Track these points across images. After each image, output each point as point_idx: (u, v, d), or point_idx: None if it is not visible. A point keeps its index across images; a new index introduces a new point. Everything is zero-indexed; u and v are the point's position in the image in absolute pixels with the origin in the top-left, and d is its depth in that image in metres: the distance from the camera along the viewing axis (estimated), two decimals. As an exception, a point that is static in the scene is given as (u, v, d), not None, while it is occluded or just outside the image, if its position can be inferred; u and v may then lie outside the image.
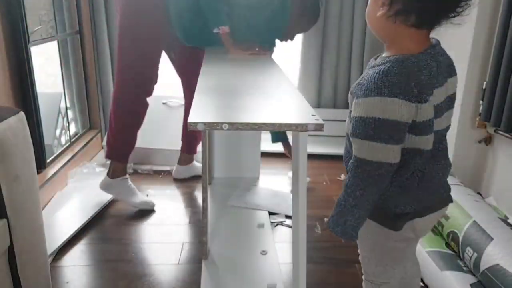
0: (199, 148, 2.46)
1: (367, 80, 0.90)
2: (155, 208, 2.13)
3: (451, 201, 1.09)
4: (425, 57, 0.91)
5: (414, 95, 0.87)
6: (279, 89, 1.34)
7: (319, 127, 0.96)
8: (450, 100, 0.99)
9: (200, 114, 1.00)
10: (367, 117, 0.89)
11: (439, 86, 0.93)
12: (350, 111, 0.97)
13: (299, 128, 0.96)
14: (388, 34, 0.94)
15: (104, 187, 2.10)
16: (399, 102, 0.86)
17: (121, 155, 2.10)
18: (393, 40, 0.94)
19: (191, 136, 2.40)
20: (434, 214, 1.06)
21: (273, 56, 2.04)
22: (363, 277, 1.20)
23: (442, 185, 1.05)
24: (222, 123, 0.94)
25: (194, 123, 0.93)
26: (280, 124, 0.96)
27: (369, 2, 0.96)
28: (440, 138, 1.00)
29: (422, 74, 0.89)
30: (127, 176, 2.14)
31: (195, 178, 2.46)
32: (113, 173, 2.09)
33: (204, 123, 0.93)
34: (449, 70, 0.99)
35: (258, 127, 0.95)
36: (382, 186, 0.94)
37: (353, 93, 0.94)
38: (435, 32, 0.96)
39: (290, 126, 0.96)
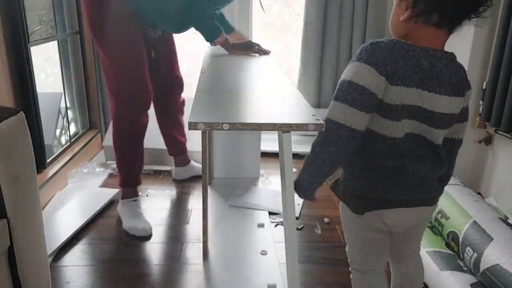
0: (195, 148, 2.46)
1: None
2: (155, 207, 2.13)
3: (431, 204, 1.07)
4: (419, 51, 0.93)
5: (387, 71, 0.91)
6: (279, 89, 1.34)
7: (319, 127, 0.96)
8: (447, 119, 0.98)
9: (200, 114, 1.00)
10: (342, 80, 0.96)
11: (426, 90, 0.93)
12: None
13: (299, 128, 0.96)
14: (410, 36, 0.96)
15: (118, 208, 2.04)
16: (370, 69, 0.91)
17: (130, 180, 2.02)
18: (413, 39, 0.96)
19: (171, 136, 2.33)
20: (406, 210, 1.04)
21: (272, 56, 2.04)
22: (350, 268, 1.21)
23: (419, 185, 1.02)
24: (223, 123, 0.93)
25: (194, 123, 0.93)
26: (281, 124, 0.96)
27: (393, 11, 1.00)
28: (428, 148, 1.00)
29: (404, 61, 0.92)
30: (136, 198, 2.03)
31: (195, 178, 2.46)
32: (123, 195, 2.02)
33: (205, 123, 0.93)
34: (453, 88, 0.96)
35: (259, 127, 0.95)
36: (340, 151, 0.96)
37: None
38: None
39: (290, 126, 0.96)
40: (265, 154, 2.64)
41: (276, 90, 1.32)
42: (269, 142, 2.79)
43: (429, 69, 0.93)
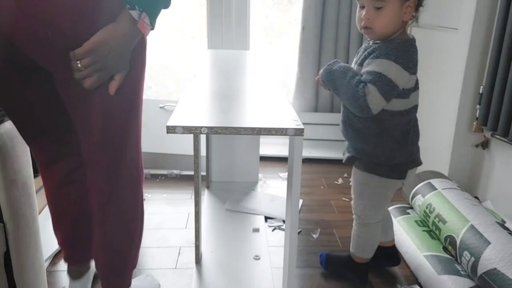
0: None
1: (379, 49, 1.25)
2: (152, 211, 2.12)
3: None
4: (413, 42, 1.30)
5: (409, 68, 1.25)
6: (266, 93, 1.34)
7: (299, 131, 0.96)
8: None
9: (180, 117, 1.00)
10: (372, 70, 1.24)
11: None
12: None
13: (278, 132, 0.96)
14: (397, 29, 1.28)
15: None
16: (398, 67, 1.22)
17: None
18: (396, 32, 1.29)
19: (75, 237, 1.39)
20: (416, 167, 1.43)
21: (269, 59, 2.04)
22: (355, 222, 1.54)
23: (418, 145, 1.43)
24: (201, 127, 0.94)
25: (172, 127, 0.93)
26: (260, 129, 0.96)
27: (391, 11, 1.24)
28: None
29: (415, 53, 1.29)
30: None
31: (190, 181, 2.45)
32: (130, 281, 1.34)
33: (183, 127, 0.93)
34: None
35: (237, 131, 0.95)
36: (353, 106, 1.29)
37: (362, 59, 1.31)
38: (432, 37, 1.00)
39: (269, 131, 0.96)
40: (264, 159, 2.65)
41: (263, 94, 1.33)
42: (268, 147, 2.80)
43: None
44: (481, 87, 1.97)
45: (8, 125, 1.18)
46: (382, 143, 1.34)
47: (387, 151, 1.35)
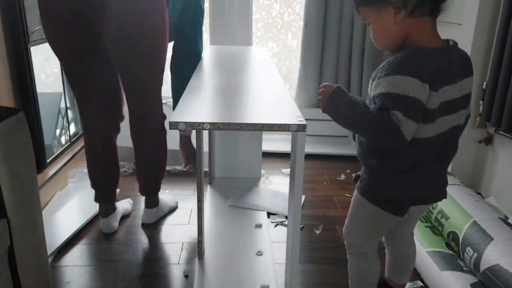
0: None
1: (388, 63, 1.00)
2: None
3: (445, 197, 1.19)
4: (435, 52, 1.02)
5: (428, 80, 0.97)
6: (269, 89, 1.34)
7: (301, 127, 0.96)
8: (466, 99, 1.08)
9: (182, 113, 1.00)
10: (387, 93, 0.98)
11: (450, 84, 1.02)
12: (369, 97, 1.08)
13: (281, 128, 0.96)
14: (412, 34, 1.03)
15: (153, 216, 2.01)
16: (416, 81, 0.96)
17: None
18: (411, 36, 1.03)
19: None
20: (428, 204, 1.22)
21: (272, 55, 2.03)
22: (348, 254, 1.33)
23: (441, 181, 1.16)
24: (204, 123, 0.94)
25: (175, 122, 0.93)
26: (262, 125, 0.96)
27: (376, 24, 1.06)
28: (452, 135, 1.09)
29: (432, 65, 0.99)
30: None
31: (193, 177, 2.46)
32: (157, 201, 2.04)
33: (186, 123, 0.93)
34: (465, 70, 1.07)
35: (240, 127, 0.95)
36: (376, 138, 1.05)
37: (374, 77, 1.05)
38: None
39: (272, 127, 0.96)
40: (267, 154, 2.64)
41: (265, 90, 1.32)
42: (271, 142, 2.80)
43: (448, 66, 1.02)
44: (485, 82, 1.96)
45: (12, 121, 1.19)
46: (381, 173, 1.13)
47: (390, 185, 1.12)
